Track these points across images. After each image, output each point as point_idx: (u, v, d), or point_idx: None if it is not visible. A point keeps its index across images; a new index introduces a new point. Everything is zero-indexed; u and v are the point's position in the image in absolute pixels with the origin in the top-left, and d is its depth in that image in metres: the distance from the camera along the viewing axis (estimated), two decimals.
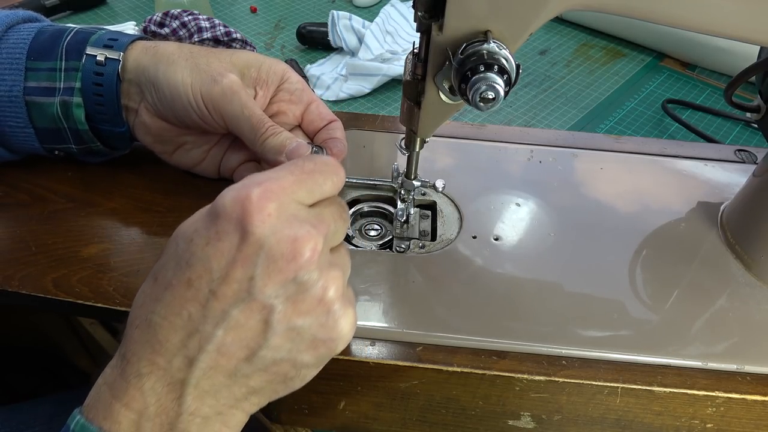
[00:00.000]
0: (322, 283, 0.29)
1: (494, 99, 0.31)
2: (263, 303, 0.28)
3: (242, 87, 0.41)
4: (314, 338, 0.30)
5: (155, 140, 0.45)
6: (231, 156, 0.47)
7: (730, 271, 0.44)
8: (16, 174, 0.49)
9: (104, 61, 0.42)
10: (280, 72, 0.44)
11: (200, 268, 0.28)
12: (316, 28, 0.84)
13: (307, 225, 0.29)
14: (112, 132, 0.45)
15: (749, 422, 0.38)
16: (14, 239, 0.44)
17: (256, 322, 0.28)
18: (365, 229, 0.48)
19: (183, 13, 0.74)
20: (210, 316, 0.28)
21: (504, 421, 0.40)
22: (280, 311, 0.28)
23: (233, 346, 0.28)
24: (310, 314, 0.29)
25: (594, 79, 0.83)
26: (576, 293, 0.42)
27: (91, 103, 0.43)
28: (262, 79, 0.43)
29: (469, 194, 0.49)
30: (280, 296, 0.28)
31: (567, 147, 0.54)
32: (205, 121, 0.42)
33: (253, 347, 0.29)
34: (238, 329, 0.28)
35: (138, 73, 0.42)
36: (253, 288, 0.28)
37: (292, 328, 0.29)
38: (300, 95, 0.45)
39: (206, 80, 0.40)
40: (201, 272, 0.28)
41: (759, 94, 0.44)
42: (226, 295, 0.28)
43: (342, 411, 0.40)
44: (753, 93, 0.49)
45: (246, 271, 0.27)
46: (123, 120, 0.44)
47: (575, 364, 0.37)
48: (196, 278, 0.28)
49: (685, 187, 0.51)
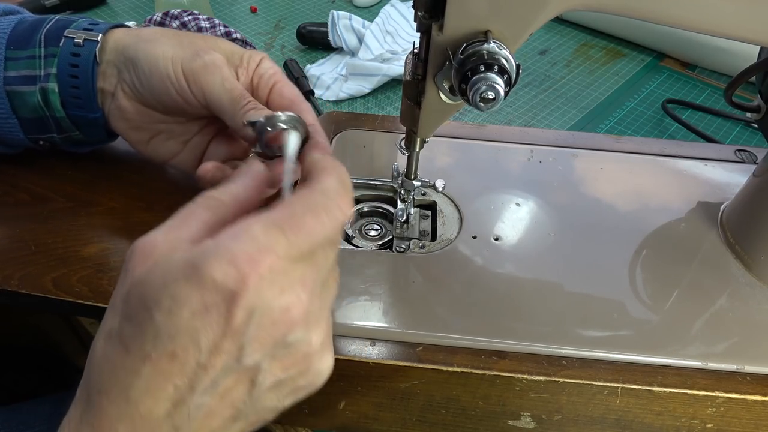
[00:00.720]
0: (308, 338, 0.29)
1: (494, 99, 0.31)
2: (251, 367, 0.27)
3: (225, 63, 0.40)
4: (296, 386, 0.30)
5: (130, 126, 0.43)
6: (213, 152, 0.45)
7: (730, 271, 0.44)
8: (16, 173, 0.49)
9: (82, 42, 0.42)
10: (258, 58, 0.43)
11: (186, 341, 0.26)
12: (316, 28, 0.84)
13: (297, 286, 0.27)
14: (85, 118, 0.44)
15: (749, 422, 0.38)
16: (14, 239, 0.44)
17: (243, 384, 0.28)
18: (365, 229, 0.48)
19: (183, 13, 0.74)
20: (198, 388, 0.27)
21: (504, 421, 0.40)
22: (267, 370, 0.28)
23: (220, 408, 0.28)
24: (293, 367, 0.29)
25: (594, 79, 0.83)
26: (576, 293, 0.42)
27: (66, 87, 0.42)
28: (243, 64, 0.42)
29: (469, 194, 0.49)
30: (267, 358, 0.28)
31: (567, 147, 0.54)
32: (184, 97, 0.40)
33: (239, 406, 0.29)
34: (226, 394, 0.28)
35: (117, 53, 0.41)
36: (242, 356, 0.27)
37: (276, 383, 0.29)
38: (268, 79, 0.42)
39: (188, 54, 0.40)
40: (187, 346, 0.26)
41: (759, 94, 0.44)
42: (215, 366, 0.26)
43: (342, 411, 0.40)
44: (753, 93, 0.49)
45: (236, 342, 0.26)
46: (97, 105, 0.43)
47: (575, 364, 0.37)
48: (182, 352, 0.26)
49: (685, 187, 0.51)
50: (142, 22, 0.77)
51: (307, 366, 0.30)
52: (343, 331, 0.38)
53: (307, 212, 0.28)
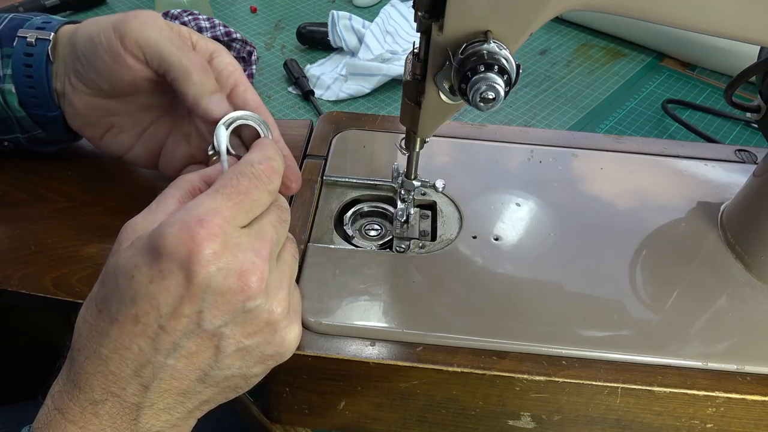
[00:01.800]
0: (269, 306, 0.30)
1: (494, 99, 0.31)
2: (213, 332, 0.29)
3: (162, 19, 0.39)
4: (263, 354, 0.32)
5: (83, 123, 0.44)
6: (172, 151, 0.45)
7: (730, 271, 0.44)
8: (16, 173, 0.49)
9: (35, 41, 0.41)
10: (212, 47, 0.41)
11: (146, 305, 0.28)
12: (316, 28, 0.84)
13: (250, 253, 0.29)
14: (45, 117, 0.44)
15: (749, 422, 0.38)
16: (14, 239, 0.44)
17: (207, 348, 0.30)
18: (365, 229, 0.48)
19: (183, 13, 0.74)
20: (161, 349, 0.29)
21: (504, 421, 0.40)
22: (230, 336, 0.30)
23: (186, 371, 0.30)
24: (258, 335, 0.31)
25: (594, 79, 0.83)
26: (576, 293, 0.42)
27: (23, 86, 0.42)
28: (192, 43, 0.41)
29: (469, 194, 0.49)
30: (229, 324, 0.29)
31: (567, 147, 0.54)
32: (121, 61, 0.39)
33: (205, 369, 0.30)
34: (190, 356, 0.29)
35: (63, 48, 0.42)
36: (202, 321, 0.29)
37: (241, 349, 0.31)
38: (227, 76, 0.41)
39: (122, 18, 0.39)
40: (148, 309, 0.28)
41: (759, 94, 0.44)
42: (176, 328, 0.28)
43: (342, 411, 0.40)
44: (753, 93, 0.49)
45: (194, 306, 0.28)
46: (55, 104, 0.43)
47: (575, 364, 0.37)
48: (143, 314, 0.28)
49: (685, 187, 0.51)
50: None
51: (272, 335, 0.31)
52: (343, 331, 0.38)
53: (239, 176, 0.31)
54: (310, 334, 0.38)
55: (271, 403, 0.42)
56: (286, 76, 0.79)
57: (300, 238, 0.44)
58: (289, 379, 0.39)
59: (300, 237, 0.44)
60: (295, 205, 0.47)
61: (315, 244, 0.44)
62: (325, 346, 0.37)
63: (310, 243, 0.44)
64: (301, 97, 0.76)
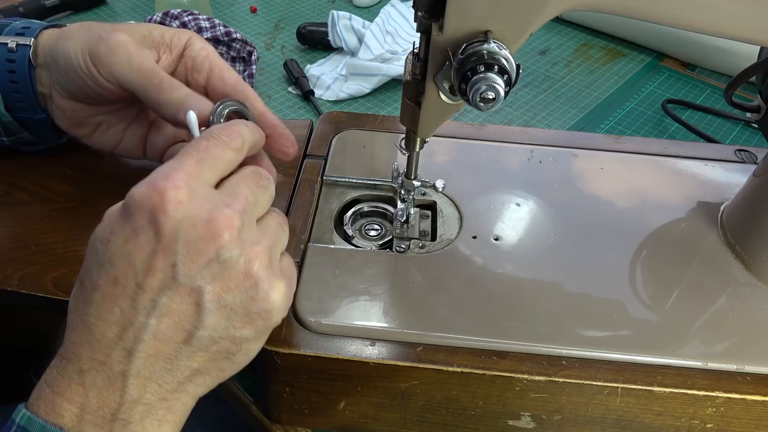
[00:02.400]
0: (245, 258, 0.30)
1: (494, 99, 0.31)
2: (190, 287, 0.29)
3: (131, 42, 0.39)
4: (248, 312, 0.31)
5: (72, 124, 0.45)
6: (155, 137, 0.46)
7: (730, 271, 0.44)
8: (16, 173, 0.49)
9: (15, 47, 0.42)
10: (185, 37, 0.42)
11: (123, 265, 0.29)
12: (316, 28, 0.84)
13: (220, 205, 0.30)
14: (32, 120, 0.45)
15: (749, 422, 0.38)
16: (14, 238, 0.44)
17: (188, 306, 0.30)
18: (365, 229, 0.48)
19: (183, 13, 0.74)
20: (141, 308, 0.29)
21: (504, 421, 0.40)
22: (209, 291, 0.30)
23: (169, 331, 0.30)
24: (238, 289, 0.30)
25: (594, 79, 0.83)
26: (576, 293, 0.42)
27: (8, 91, 0.43)
28: (165, 43, 0.42)
29: (469, 194, 0.49)
30: (206, 277, 0.29)
31: (567, 147, 0.54)
32: (99, 84, 0.40)
33: (189, 329, 0.30)
34: (171, 315, 0.29)
35: (45, 56, 0.42)
36: (177, 274, 0.29)
37: (223, 306, 0.30)
38: (202, 61, 0.41)
39: (93, 40, 0.39)
40: (125, 269, 0.29)
41: (759, 94, 0.44)
42: (153, 285, 0.29)
43: (342, 411, 0.40)
44: (753, 93, 0.49)
45: (167, 259, 0.29)
46: (41, 107, 0.44)
47: (575, 364, 0.37)
48: (122, 275, 0.29)
49: (685, 187, 0.51)
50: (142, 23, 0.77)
51: (254, 290, 0.31)
52: (343, 331, 0.38)
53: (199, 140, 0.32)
54: (310, 334, 0.38)
55: (271, 403, 0.42)
56: (286, 76, 0.79)
57: (300, 238, 0.44)
58: (289, 379, 0.39)
59: (300, 237, 0.44)
60: (295, 205, 0.47)
61: (315, 244, 0.44)
62: (325, 346, 0.37)
63: (310, 243, 0.44)
64: (301, 97, 0.76)
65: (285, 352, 0.37)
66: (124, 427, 0.29)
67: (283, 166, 0.50)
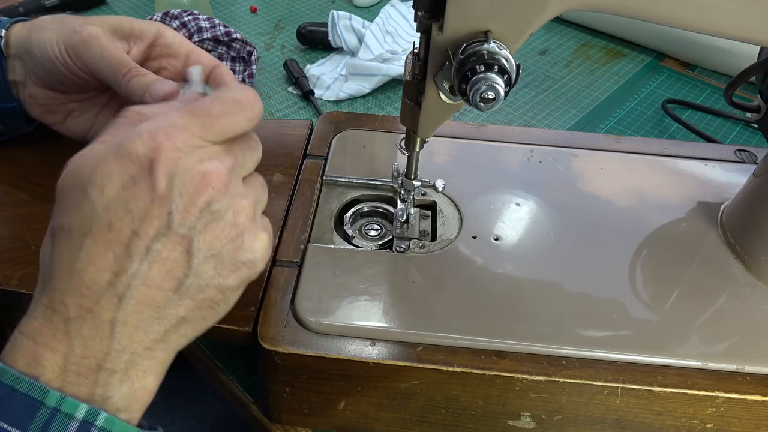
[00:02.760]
0: (233, 210, 0.32)
1: (494, 99, 0.31)
2: (182, 234, 0.30)
3: (103, 34, 0.42)
4: (234, 261, 0.32)
5: (44, 111, 0.46)
6: None
7: (730, 271, 0.44)
8: (16, 173, 0.49)
9: None
10: (154, 28, 0.44)
11: (120, 212, 0.29)
12: (316, 28, 0.84)
13: (215, 161, 0.31)
14: (2, 109, 0.46)
15: (749, 422, 0.38)
16: (14, 238, 0.44)
17: (179, 254, 0.30)
18: (365, 229, 0.48)
19: (183, 13, 0.73)
20: (135, 254, 0.29)
21: (504, 421, 0.40)
22: (199, 240, 0.30)
23: (159, 278, 0.30)
24: (226, 239, 0.31)
25: (594, 79, 0.83)
26: (576, 293, 0.42)
27: None
28: (135, 35, 0.44)
29: (469, 194, 0.49)
30: (197, 227, 0.30)
31: (567, 147, 0.54)
32: (74, 73, 0.42)
33: (180, 277, 0.30)
34: (162, 262, 0.30)
35: (18, 47, 0.44)
36: (172, 222, 0.29)
37: (212, 255, 0.31)
38: (177, 47, 0.44)
39: (68, 32, 0.41)
40: (121, 215, 0.29)
41: (759, 94, 0.44)
42: (148, 232, 0.29)
43: (342, 411, 0.40)
44: (753, 93, 0.49)
45: (164, 208, 0.29)
46: (12, 96, 0.46)
47: (575, 364, 0.37)
48: (117, 221, 0.29)
49: (685, 187, 0.51)
50: None
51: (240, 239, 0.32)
52: (343, 331, 0.38)
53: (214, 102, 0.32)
54: (310, 334, 0.38)
55: (271, 403, 0.42)
56: (286, 76, 0.79)
57: (300, 238, 0.44)
58: (289, 379, 0.39)
59: (300, 237, 0.44)
60: (295, 205, 0.47)
61: (315, 244, 0.44)
62: (325, 346, 0.37)
63: (310, 243, 0.44)
64: (301, 97, 0.76)
65: (285, 352, 0.37)
66: (110, 377, 0.29)
67: (283, 166, 0.50)
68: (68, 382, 0.28)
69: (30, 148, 0.51)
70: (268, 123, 0.58)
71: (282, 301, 0.40)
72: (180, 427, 0.62)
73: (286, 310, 0.39)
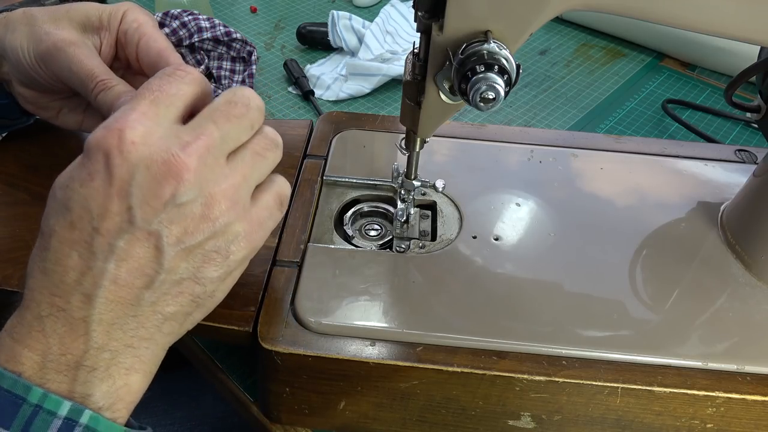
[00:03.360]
0: (203, 200, 0.29)
1: (494, 99, 0.31)
2: (148, 231, 0.29)
3: (69, 43, 0.39)
4: (211, 252, 0.30)
5: (36, 107, 0.46)
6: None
7: (730, 271, 0.44)
8: (16, 173, 0.49)
9: None
10: (120, 13, 0.41)
11: (79, 210, 0.28)
12: (316, 28, 0.84)
13: (178, 145, 0.29)
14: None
15: (749, 422, 0.38)
16: (14, 238, 0.44)
17: (147, 250, 0.29)
18: (365, 229, 0.48)
19: (183, 13, 0.73)
20: (98, 252, 0.28)
21: (504, 421, 0.40)
22: (167, 235, 0.29)
23: (129, 276, 0.29)
24: (198, 232, 0.30)
25: (594, 79, 0.83)
26: (576, 293, 0.42)
27: None
28: (103, 25, 0.41)
29: (469, 194, 0.49)
30: (164, 221, 0.29)
31: (567, 147, 0.54)
32: (48, 81, 0.41)
33: (150, 274, 0.29)
34: (130, 259, 0.29)
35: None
36: (133, 218, 0.28)
37: (183, 249, 0.30)
38: (132, 34, 0.40)
39: (36, 38, 0.40)
40: (81, 213, 0.28)
41: (759, 94, 0.44)
42: (109, 229, 0.28)
43: (342, 411, 0.40)
44: (753, 93, 0.49)
45: (123, 203, 0.28)
46: (5, 92, 0.46)
47: (575, 364, 0.37)
48: (78, 219, 0.28)
49: (685, 187, 0.51)
50: None
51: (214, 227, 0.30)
52: (343, 331, 0.38)
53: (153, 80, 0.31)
54: (310, 334, 0.38)
55: (271, 403, 0.42)
56: (286, 76, 0.79)
57: (300, 238, 0.44)
58: (289, 379, 0.39)
59: (300, 237, 0.44)
60: (295, 205, 0.47)
61: (315, 244, 0.44)
62: (325, 346, 0.37)
63: (310, 243, 0.44)
64: (301, 97, 0.76)
65: (285, 352, 0.37)
66: (89, 374, 0.29)
67: (282, 166, 0.50)
68: (47, 379, 0.28)
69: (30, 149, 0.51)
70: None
71: (282, 301, 0.40)
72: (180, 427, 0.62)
73: (286, 310, 0.39)
